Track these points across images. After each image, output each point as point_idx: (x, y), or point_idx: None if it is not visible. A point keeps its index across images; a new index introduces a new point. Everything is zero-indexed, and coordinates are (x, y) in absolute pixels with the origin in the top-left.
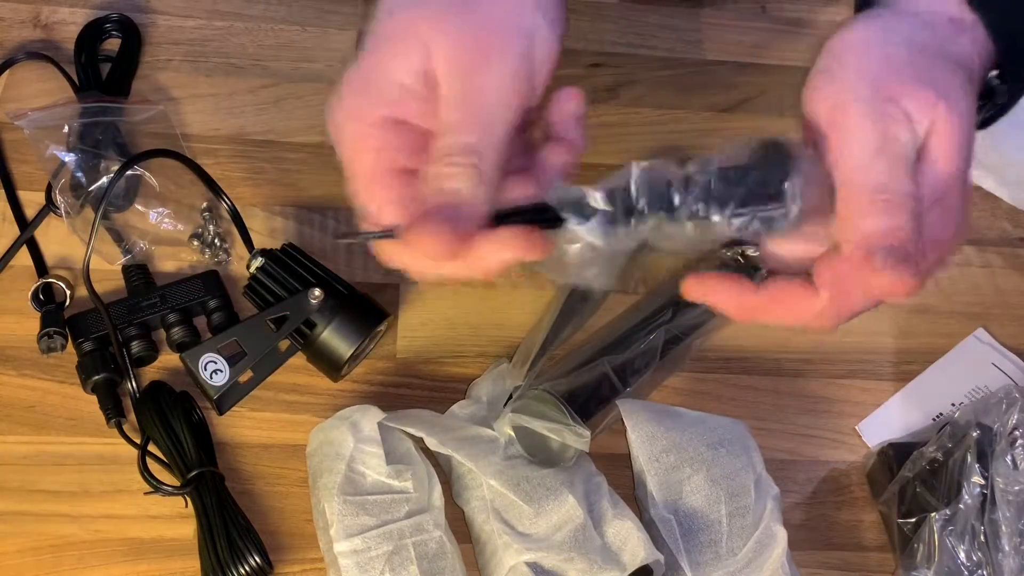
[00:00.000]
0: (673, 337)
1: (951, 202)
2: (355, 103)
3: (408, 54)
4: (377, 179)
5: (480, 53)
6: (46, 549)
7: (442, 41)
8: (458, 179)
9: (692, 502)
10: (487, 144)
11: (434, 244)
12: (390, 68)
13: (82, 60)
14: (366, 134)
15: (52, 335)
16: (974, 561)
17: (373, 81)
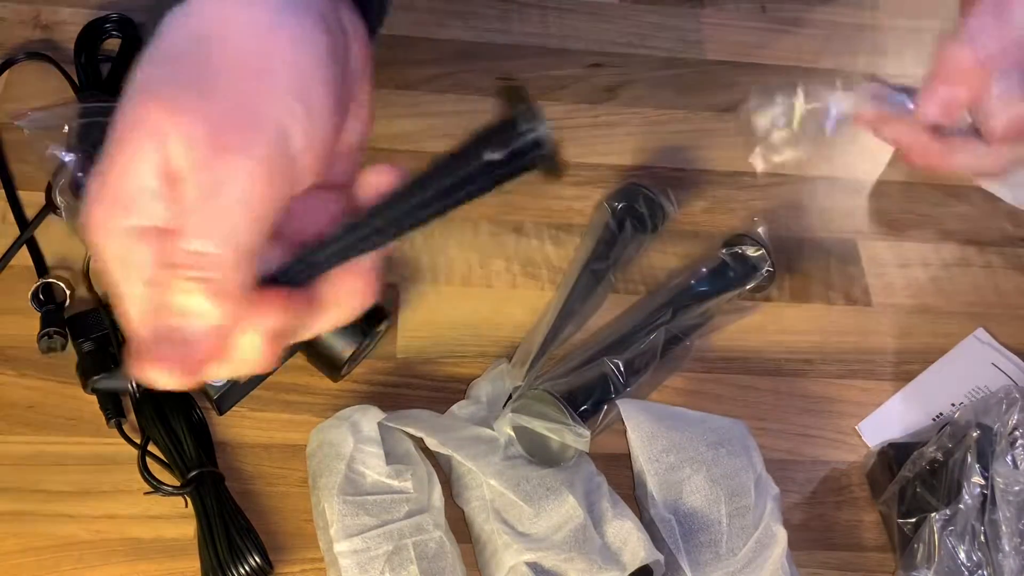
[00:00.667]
0: (673, 337)
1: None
2: (99, 214)
3: (145, 151)
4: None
5: (218, 147)
6: (46, 549)
7: (177, 133)
8: (190, 296)
9: (692, 502)
10: (229, 250)
11: (165, 376)
12: (130, 170)
13: (82, 60)
14: (115, 247)
15: (52, 335)
16: (974, 561)
17: (114, 187)
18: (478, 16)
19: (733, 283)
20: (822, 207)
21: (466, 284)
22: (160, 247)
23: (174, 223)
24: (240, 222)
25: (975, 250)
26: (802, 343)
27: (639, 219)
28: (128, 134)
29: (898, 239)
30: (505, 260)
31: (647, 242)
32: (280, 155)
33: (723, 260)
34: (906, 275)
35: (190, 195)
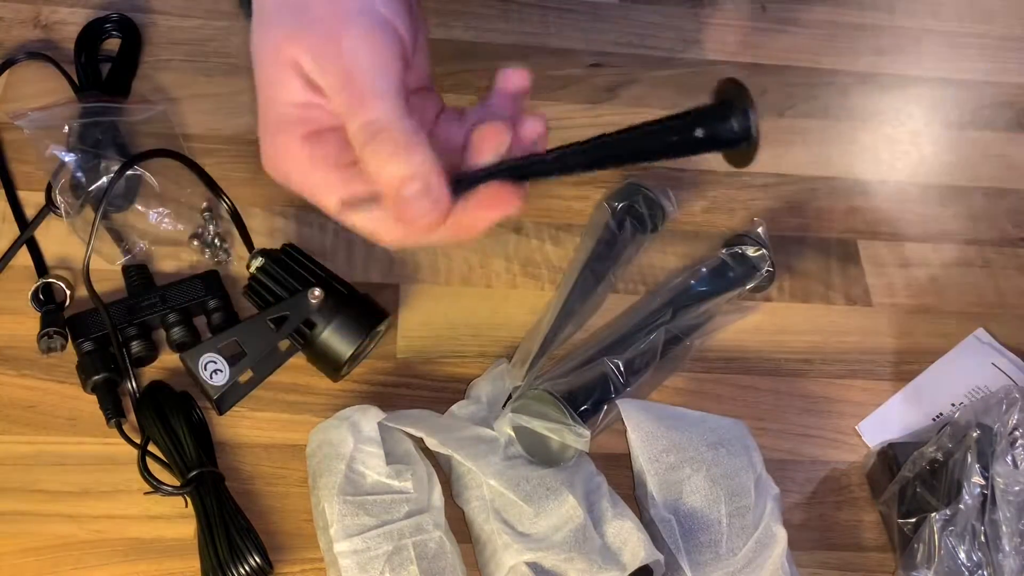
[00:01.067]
0: (673, 337)
1: None
2: (276, 138)
3: (286, 77)
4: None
5: (331, 42)
6: (46, 549)
7: (297, 49)
8: (378, 156)
9: (692, 502)
10: (387, 112)
11: (423, 218)
12: (282, 94)
13: (82, 60)
14: (297, 156)
15: (52, 335)
16: (974, 561)
17: (277, 112)
18: (478, 16)
19: (733, 283)
20: (822, 207)
21: (466, 284)
22: (336, 140)
23: (331, 122)
24: (379, 82)
25: (975, 250)
26: (802, 343)
27: (639, 219)
28: (269, 70)
29: (898, 239)
30: (505, 260)
31: (647, 242)
32: (380, 31)
33: (723, 260)
34: (906, 275)
35: (332, 88)
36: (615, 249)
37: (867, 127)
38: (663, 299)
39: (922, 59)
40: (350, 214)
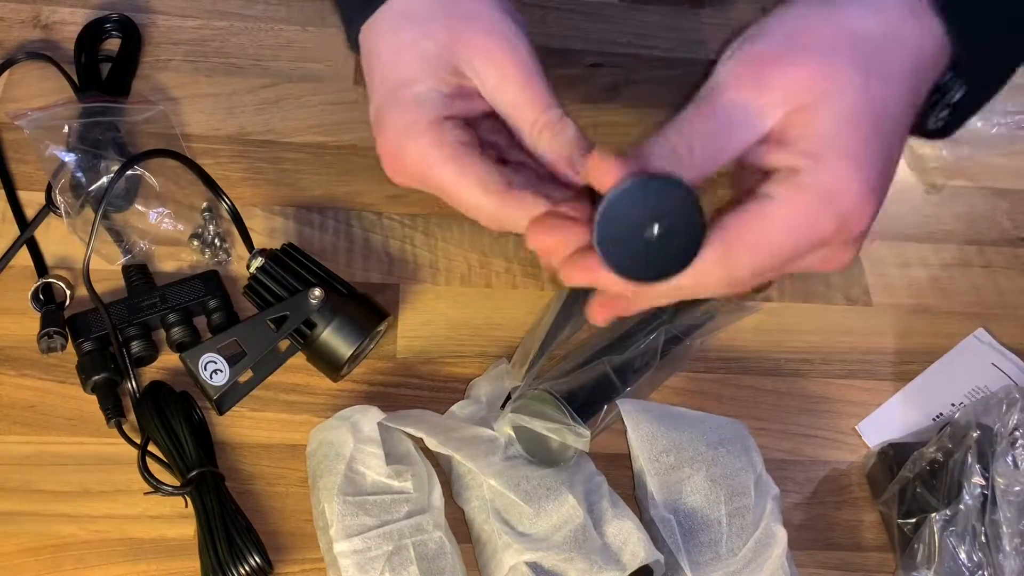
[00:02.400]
0: (673, 337)
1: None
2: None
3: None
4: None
5: (504, 42)
6: (46, 549)
7: (462, 48)
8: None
9: (692, 502)
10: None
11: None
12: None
13: (82, 60)
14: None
15: (52, 335)
16: (975, 562)
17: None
18: None
19: None
20: None
21: (466, 284)
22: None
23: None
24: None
25: (975, 250)
26: (802, 343)
27: None
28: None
29: (898, 239)
30: (505, 260)
31: None
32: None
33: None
34: (906, 275)
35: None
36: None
37: None
38: None
39: None
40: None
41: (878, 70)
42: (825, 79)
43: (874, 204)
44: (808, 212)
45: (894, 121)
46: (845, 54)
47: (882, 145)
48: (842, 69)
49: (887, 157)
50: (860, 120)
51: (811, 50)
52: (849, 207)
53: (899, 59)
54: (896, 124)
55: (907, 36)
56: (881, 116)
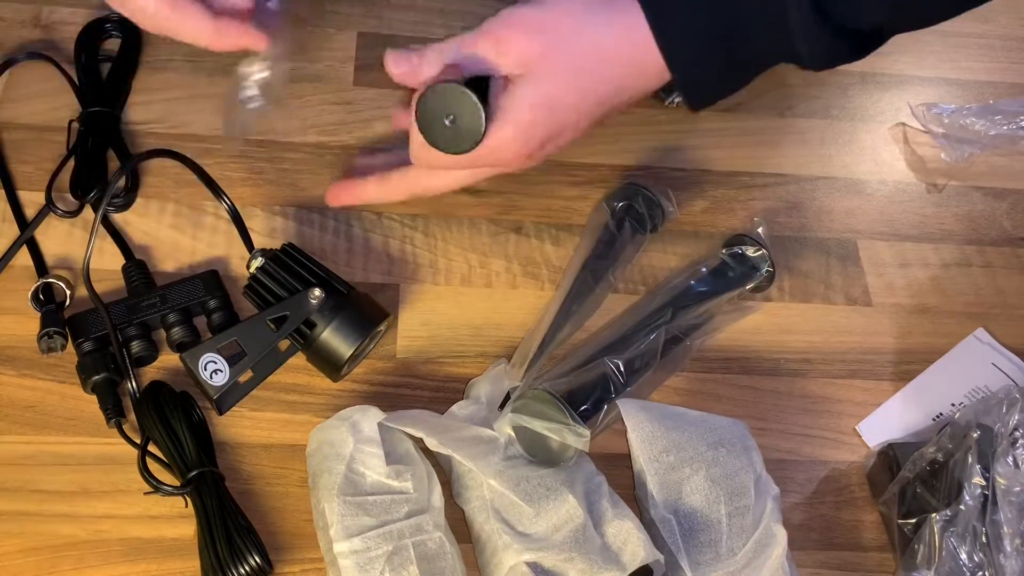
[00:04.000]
0: (673, 337)
1: None
2: None
3: None
4: None
5: None
6: (46, 549)
7: None
8: None
9: (692, 502)
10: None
11: None
12: None
13: (82, 60)
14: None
15: (52, 335)
16: (975, 562)
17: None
18: (478, 16)
19: (733, 283)
20: (822, 207)
21: (466, 284)
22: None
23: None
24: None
25: (975, 250)
26: (802, 343)
27: (638, 219)
28: None
29: (898, 239)
30: (505, 260)
31: (647, 242)
32: None
33: (723, 260)
34: (906, 275)
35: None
36: (614, 249)
37: (867, 127)
38: (663, 299)
39: (922, 59)
40: None
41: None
42: (540, 61)
43: (529, 156)
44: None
45: (573, 107)
46: (560, 53)
47: (550, 122)
48: (552, 63)
49: (555, 128)
50: (536, 104)
51: (546, 32)
52: (509, 155)
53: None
54: (575, 110)
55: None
56: (559, 104)
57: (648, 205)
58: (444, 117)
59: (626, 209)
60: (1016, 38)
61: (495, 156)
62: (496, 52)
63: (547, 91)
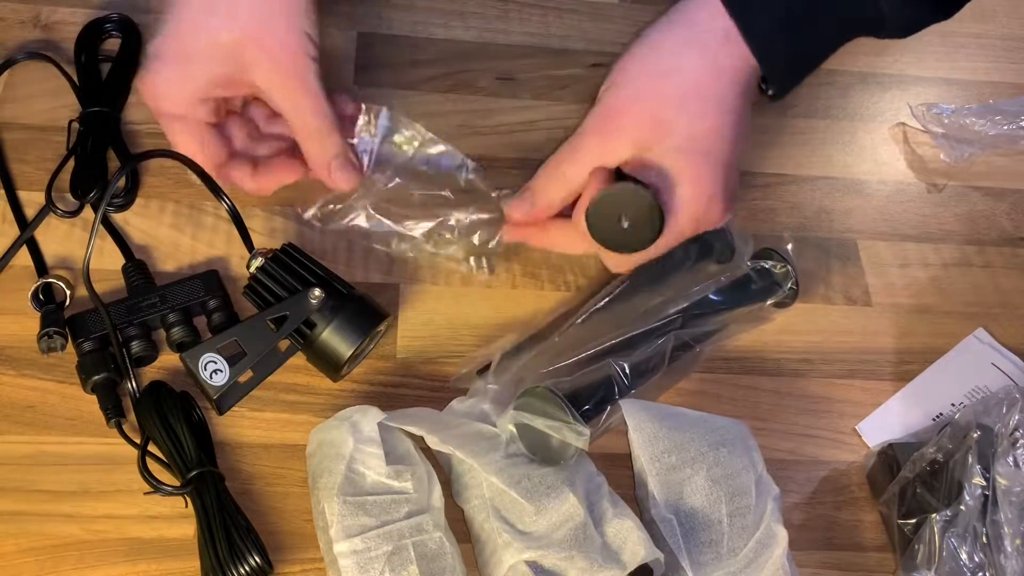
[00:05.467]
0: (683, 343)
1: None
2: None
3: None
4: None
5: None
6: (46, 549)
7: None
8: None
9: (693, 502)
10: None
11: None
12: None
13: (82, 60)
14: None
15: (52, 335)
16: (976, 563)
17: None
18: (478, 16)
19: (752, 297)
20: (822, 207)
21: (466, 284)
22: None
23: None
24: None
25: (975, 250)
26: (802, 343)
27: (708, 249)
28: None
29: (898, 239)
30: (505, 260)
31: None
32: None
33: (746, 273)
34: (906, 275)
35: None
36: (671, 265)
37: (867, 127)
38: (678, 306)
39: (922, 59)
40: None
41: (696, 107)
42: (659, 128)
43: (718, 203)
44: (672, 222)
45: (718, 137)
46: (671, 102)
47: (709, 161)
48: (667, 117)
49: (719, 165)
50: (691, 156)
51: (645, 101)
52: (698, 211)
53: (715, 86)
54: (720, 138)
55: (723, 65)
56: (708, 148)
57: (723, 238)
58: (617, 221)
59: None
60: (1016, 38)
61: (702, 220)
62: (607, 148)
63: (683, 142)
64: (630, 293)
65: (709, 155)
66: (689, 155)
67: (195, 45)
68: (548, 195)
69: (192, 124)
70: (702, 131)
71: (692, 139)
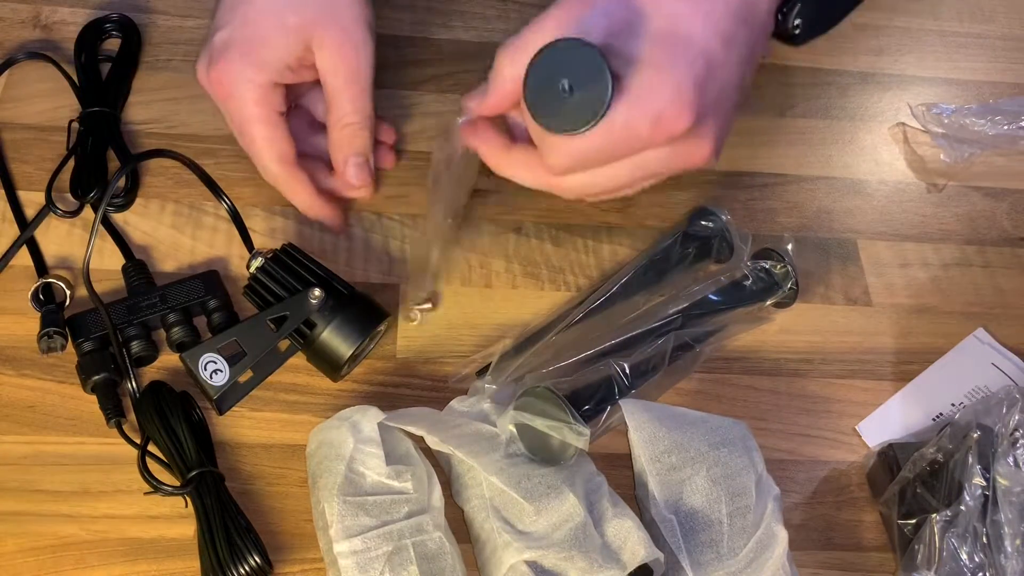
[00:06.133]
0: (683, 344)
1: None
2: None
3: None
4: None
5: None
6: (46, 549)
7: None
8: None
9: (693, 502)
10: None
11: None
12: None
13: (82, 60)
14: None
15: (52, 335)
16: (976, 563)
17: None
18: (478, 16)
19: (752, 297)
20: (822, 207)
21: (466, 284)
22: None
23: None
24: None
25: (975, 250)
26: (802, 343)
27: (707, 248)
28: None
29: (898, 239)
30: (505, 260)
31: (700, 269)
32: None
33: (745, 273)
34: (906, 275)
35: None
36: (669, 264)
37: (867, 127)
38: (678, 306)
39: (922, 59)
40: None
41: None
42: (641, 2)
43: (689, 108)
44: (626, 112)
45: (709, 33)
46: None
47: (692, 56)
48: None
49: (703, 64)
50: (668, 38)
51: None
52: (660, 107)
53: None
54: (712, 34)
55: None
56: (690, 31)
57: (722, 237)
58: (559, 86)
59: (700, 234)
60: (1016, 38)
61: (663, 129)
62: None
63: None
64: (630, 293)
65: (692, 42)
66: (667, 37)
67: (267, 30)
68: (503, 78)
69: (267, 111)
70: (688, 13)
71: (675, 18)
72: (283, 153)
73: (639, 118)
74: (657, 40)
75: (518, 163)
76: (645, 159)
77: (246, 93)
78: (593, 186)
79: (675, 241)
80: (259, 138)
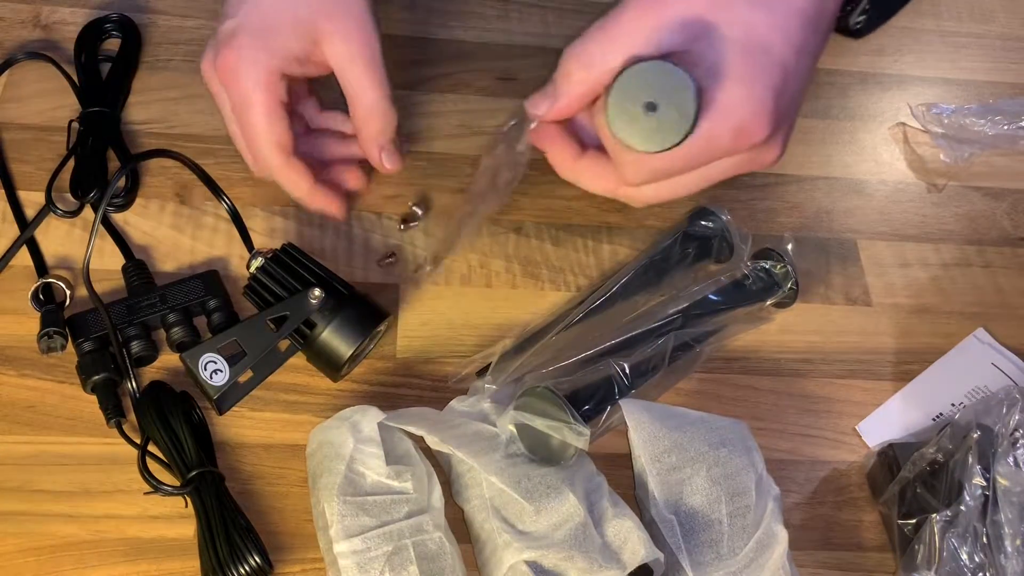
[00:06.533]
0: (683, 344)
1: None
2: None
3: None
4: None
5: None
6: (46, 549)
7: (328, 25)
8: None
9: (693, 502)
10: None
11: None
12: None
13: (82, 60)
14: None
15: (52, 335)
16: (976, 563)
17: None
18: (478, 16)
19: (752, 297)
20: (822, 207)
21: (466, 284)
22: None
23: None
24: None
25: (975, 250)
26: (802, 343)
27: (706, 248)
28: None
29: (898, 239)
30: (505, 260)
31: (700, 269)
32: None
33: (745, 273)
34: (906, 275)
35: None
36: (669, 264)
37: (867, 127)
38: (678, 306)
39: (922, 59)
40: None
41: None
42: (716, 11)
43: (769, 118)
44: (709, 125)
45: (784, 43)
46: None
47: (771, 67)
48: (731, 4)
49: (780, 75)
50: (748, 49)
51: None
52: (743, 119)
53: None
54: (786, 41)
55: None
56: (769, 42)
57: (722, 237)
58: (643, 104)
59: (700, 234)
60: (1016, 38)
61: (743, 140)
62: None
63: (745, 34)
64: (630, 293)
65: (770, 53)
66: (746, 48)
67: (277, 19)
68: (571, 85)
69: (270, 98)
70: (766, 24)
71: (752, 29)
72: (283, 141)
73: (721, 130)
74: (737, 51)
75: (588, 171)
76: (718, 165)
77: (252, 75)
78: (664, 194)
79: (675, 241)
80: (260, 124)
